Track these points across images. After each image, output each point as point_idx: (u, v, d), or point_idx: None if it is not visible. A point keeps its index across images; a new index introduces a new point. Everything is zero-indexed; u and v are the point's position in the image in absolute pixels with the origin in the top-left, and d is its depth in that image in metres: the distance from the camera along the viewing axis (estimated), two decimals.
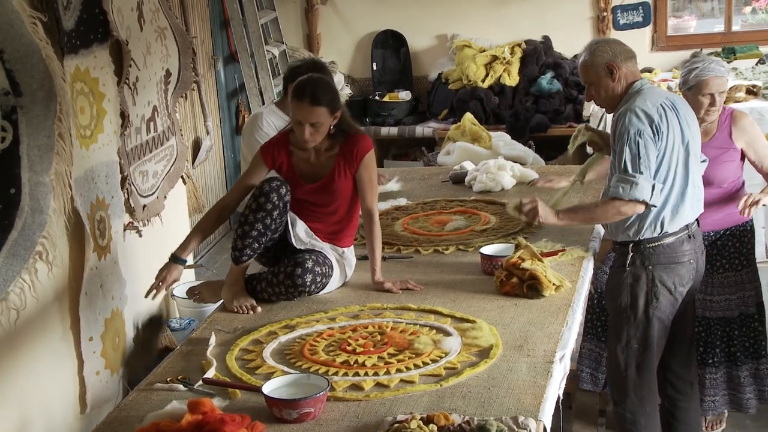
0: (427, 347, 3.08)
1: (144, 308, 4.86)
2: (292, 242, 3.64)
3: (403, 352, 3.07)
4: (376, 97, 8.04)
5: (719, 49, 7.56)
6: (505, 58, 7.73)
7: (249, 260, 3.62)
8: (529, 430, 2.54)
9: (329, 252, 3.72)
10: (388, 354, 3.07)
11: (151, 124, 4.97)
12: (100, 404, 4.21)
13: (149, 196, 4.93)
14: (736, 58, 7.37)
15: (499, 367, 2.94)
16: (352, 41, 8.38)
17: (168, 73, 5.20)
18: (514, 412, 2.64)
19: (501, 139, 6.25)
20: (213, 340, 3.28)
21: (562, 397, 2.92)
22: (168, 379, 3.01)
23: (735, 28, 7.97)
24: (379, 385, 2.88)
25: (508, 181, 4.91)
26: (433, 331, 3.23)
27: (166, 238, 5.17)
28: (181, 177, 5.42)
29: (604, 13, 7.84)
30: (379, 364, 3.00)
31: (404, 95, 8.03)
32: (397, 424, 2.57)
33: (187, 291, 3.97)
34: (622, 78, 3.61)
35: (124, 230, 4.59)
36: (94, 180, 4.24)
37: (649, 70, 7.43)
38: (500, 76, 7.70)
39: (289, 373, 2.93)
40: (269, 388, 2.77)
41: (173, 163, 5.27)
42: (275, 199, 3.53)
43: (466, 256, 3.97)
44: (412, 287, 3.65)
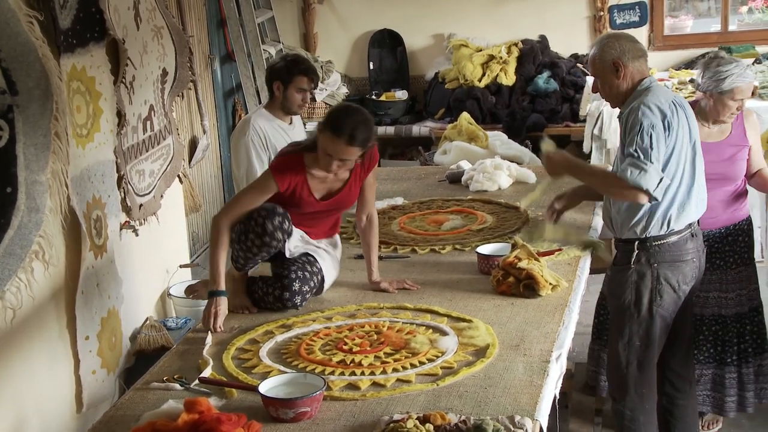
0: (423, 347, 3.09)
1: (140, 307, 4.86)
2: (286, 255, 3.61)
3: (400, 352, 3.07)
4: (373, 97, 8.03)
5: (716, 49, 7.56)
6: (501, 58, 7.73)
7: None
8: (526, 430, 2.54)
9: (323, 250, 3.72)
10: (385, 353, 3.07)
11: (148, 123, 4.97)
12: (97, 403, 4.21)
13: (146, 195, 4.92)
14: None
15: (496, 367, 2.94)
16: (349, 40, 8.38)
17: (165, 72, 5.19)
18: (510, 412, 2.64)
19: (497, 139, 6.26)
20: (209, 339, 3.28)
21: (558, 397, 2.93)
22: (164, 379, 3.01)
23: (731, 27, 7.97)
24: (375, 384, 2.88)
25: (505, 181, 4.91)
26: (430, 331, 3.24)
27: (163, 237, 5.17)
28: (178, 176, 5.42)
29: (601, 13, 7.84)
30: (375, 364, 3.00)
31: (401, 94, 8.03)
32: (393, 424, 2.57)
33: (185, 289, 3.97)
34: (628, 76, 3.60)
35: (121, 229, 4.59)
36: (91, 179, 4.24)
37: None
38: (497, 76, 7.70)
39: (286, 373, 2.93)
40: (266, 387, 2.77)
41: (170, 162, 5.26)
42: (279, 236, 3.49)
43: (463, 255, 3.97)
44: (408, 287, 3.65)
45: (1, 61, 3.47)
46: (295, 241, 3.63)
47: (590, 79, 6.97)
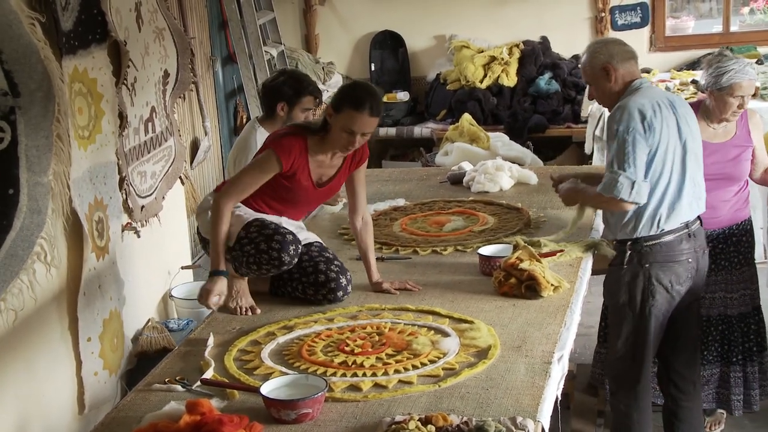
0: (425, 348, 3.08)
1: (142, 309, 4.86)
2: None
3: (402, 353, 3.07)
4: None
5: (716, 52, 7.55)
6: (503, 59, 7.74)
7: None
8: (528, 431, 2.54)
9: (315, 235, 3.78)
10: (387, 355, 3.07)
11: (150, 124, 4.97)
12: (99, 405, 4.21)
13: (147, 196, 4.93)
14: None
15: (498, 368, 2.94)
16: (350, 42, 8.38)
17: (166, 74, 5.20)
18: (512, 413, 2.64)
19: (499, 140, 6.26)
20: (211, 341, 3.28)
21: (560, 398, 2.92)
22: (166, 380, 3.01)
23: (733, 28, 7.97)
24: (377, 385, 2.87)
25: (507, 182, 4.91)
26: (432, 332, 3.23)
27: (165, 238, 5.17)
28: (180, 177, 5.43)
29: (602, 14, 7.84)
30: (377, 365, 3.00)
31: (402, 96, 8.04)
32: (395, 425, 2.57)
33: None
34: (619, 79, 3.66)
35: (123, 231, 4.59)
36: (93, 180, 4.24)
37: (647, 71, 7.44)
38: (498, 77, 7.71)
39: (288, 374, 2.93)
40: (267, 388, 2.77)
41: (171, 164, 5.27)
42: (294, 261, 3.47)
43: (465, 256, 3.97)
44: (410, 288, 3.64)
45: (3, 63, 3.47)
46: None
47: None
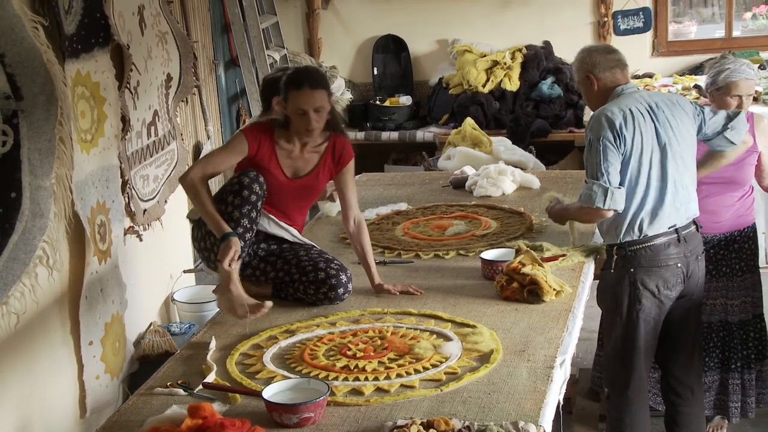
0: (427, 352, 3.08)
1: (144, 312, 4.86)
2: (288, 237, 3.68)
3: (404, 357, 3.07)
4: (377, 102, 8.03)
5: (719, 55, 7.55)
6: (505, 63, 7.73)
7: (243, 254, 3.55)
8: None
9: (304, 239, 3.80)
10: (389, 359, 3.07)
11: (152, 128, 4.98)
12: (100, 409, 4.21)
13: (150, 200, 4.93)
14: None
15: (500, 372, 2.94)
16: (353, 46, 8.38)
17: (169, 78, 5.20)
18: (514, 417, 2.63)
19: (501, 144, 6.25)
20: (213, 345, 3.28)
21: (562, 402, 2.92)
22: (168, 384, 3.01)
23: (735, 33, 7.97)
24: (379, 390, 2.87)
25: (509, 186, 4.91)
26: (434, 336, 3.23)
27: (167, 242, 5.17)
28: None
29: (605, 19, 7.84)
30: (379, 369, 3.00)
31: (405, 100, 8.03)
32: (397, 429, 2.57)
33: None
34: (601, 86, 3.72)
35: (125, 234, 4.59)
36: (95, 184, 4.24)
37: (650, 76, 7.44)
38: (501, 81, 7.70)
39: (290, 378, 2.93)
40: (269, 392, 2.77)
41: (174, 168, 5.27)
42: (257, 189, 3.52)
43: (467, 261, 3.97)
44: (413, 291, 3.65)
45: (6, 67, 3.48)
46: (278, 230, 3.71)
47: None
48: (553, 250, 3.83)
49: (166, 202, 5.12)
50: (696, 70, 7.57)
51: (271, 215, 3.68)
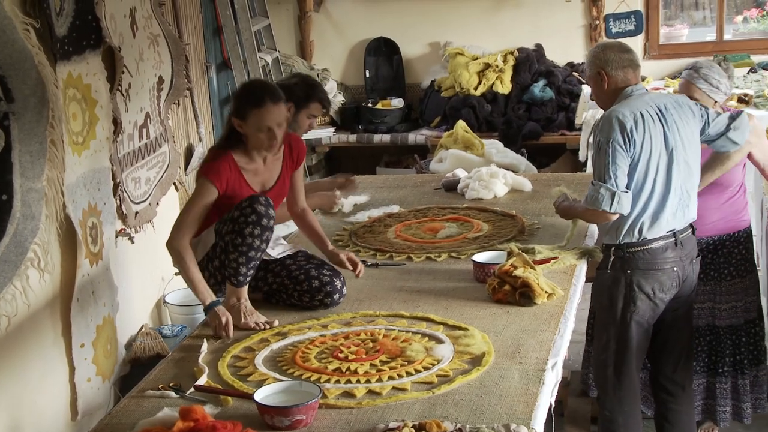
0: (419, 355, 3.08)
1: (135, 315, 4.86)
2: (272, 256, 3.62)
3: (396, 360, 3.07)
4: (369, 105, 8.04)
5: (711, 58, 7.57)
6: (497, 66, 7.75)
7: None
8: None
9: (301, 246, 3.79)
10: (381, 361, 3.06)
11: (144, 130, 4.97)
12: (92, 411, 4.20)
13: (141, 202, 4.92)
14: None
15: (492, 375, 2.94)
16: (345, 48, 8.38)
17: (161, 80, 5.20)
18: (506, 420, 2.63)
19: (493, 147, 6.25)
20: (205, 347, 3.28)
21: (554, 405, 2.92)
22: (159, 386, 3.01)
23: (727, 37, 7.99)
24: (371, 392, 2.87)
25: (501, 189, 4.91)
26: (426, 339, 3.23)
27: (158, 244, 5.15)
28: (174, 184, 5.42)
29: (597, 22, 7.85)
30: (371, 372, 2.99)
31: (397, 102, 8.04)
32: None
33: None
34: (612, 85, 3.71)
35: (116, 237, 4.58)
36: (86, 186, 4.24)
37: (642, 79, 7.44)
38: (493, 84, 7.71)
39: (281, 381, 2.93)
40: (261, 395, 2.77)
41: (166, 170, 5.27)
42: (271, 212, 3.44)
43: (459, 263, 3.97)
44: (359, 271, 3.68)
45: None
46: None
47: (585, 87, 7.03)
48: (545, 253, 3.84)
49: (157, 204, 5.11)
50: None
51: None
